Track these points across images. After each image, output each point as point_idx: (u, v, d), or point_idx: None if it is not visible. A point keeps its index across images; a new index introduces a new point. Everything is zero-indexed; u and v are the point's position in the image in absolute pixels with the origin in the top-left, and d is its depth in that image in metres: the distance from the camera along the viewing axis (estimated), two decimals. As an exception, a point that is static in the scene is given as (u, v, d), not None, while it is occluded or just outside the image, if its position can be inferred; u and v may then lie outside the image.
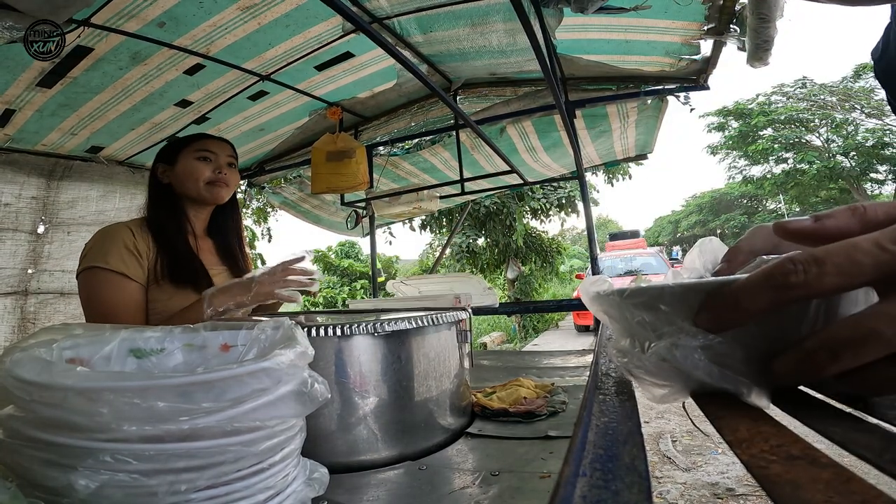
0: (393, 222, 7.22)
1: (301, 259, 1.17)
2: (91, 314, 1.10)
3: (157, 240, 1.19)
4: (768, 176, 24.83)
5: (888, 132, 19.61)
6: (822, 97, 20.93)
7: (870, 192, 22.04)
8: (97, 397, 0.45)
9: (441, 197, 3.39)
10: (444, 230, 10.93)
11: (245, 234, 1.47)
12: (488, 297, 2.33)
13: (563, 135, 3.10)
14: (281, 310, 1.38)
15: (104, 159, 2.50)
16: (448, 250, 10.18)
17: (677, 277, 0.69)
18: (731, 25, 1.97)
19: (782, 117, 21.79)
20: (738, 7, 1.88)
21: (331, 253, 12.84)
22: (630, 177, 10.66)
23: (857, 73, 19.85)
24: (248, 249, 1.48)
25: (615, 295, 0.50)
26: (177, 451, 0.45)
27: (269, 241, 9.14)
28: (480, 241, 11.11)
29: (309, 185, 2.83)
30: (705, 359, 0.42)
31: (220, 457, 0.47)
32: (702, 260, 0.62)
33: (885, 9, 0.68)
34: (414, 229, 11.29)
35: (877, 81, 0.78)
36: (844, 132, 20.68)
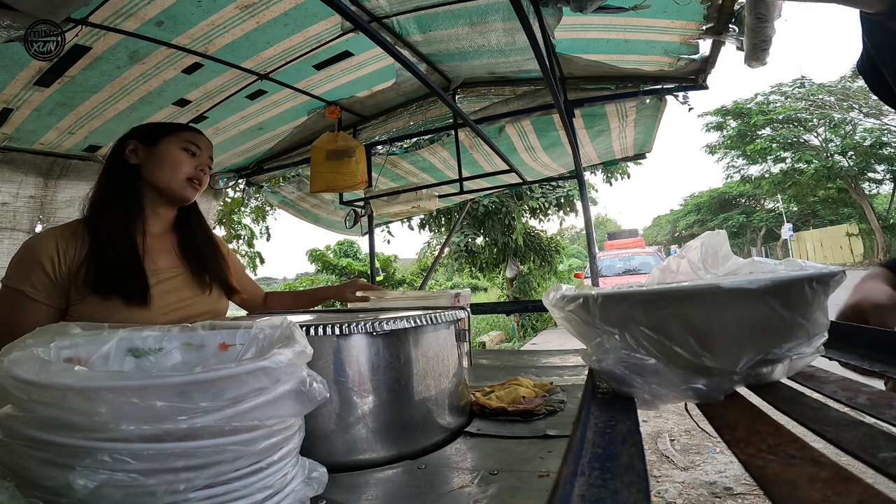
0: (391, 221, 7.21)
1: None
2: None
3: (91, 242, 1.05)
4: (766, 175, 24.89)
5: (886, 132, 19.66)
6: (820, 97, 20.97)
7: (867, 192, 22.10)
8: (96, 397, 0.44)
9: (440, 196, 3.39)
10: (443, 229, 10.93)
11: (213, 230, 1.35)
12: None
13: (561, 134, 3.10)
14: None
15: (102, 158, 2.49)
16: (447, 249, 10.18)
17: (664, 273, 0.70)
18: (730, 25, 1.97)
19: (780, 117, 21.83)
20: (736, 7, 1.88)
21: (329, 252, 12.82)
22: (629, 176, 10.66)
23: (856, 73, 19.83)
24: (225, 244, 1.37)
25: (559, 301, 0.52)
26: (175, 450, 0.45)
27: (268, 239, 9.14)
28: (479, 240, 11.11)
29: (307, 184, 2.83)
30: (621, 366, 0.44)
31: (219, 456, 0.47)
32: (702, 252, 0.63)
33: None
34: (413, 228, 11.29)
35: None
36: (842, 132, 20.72)
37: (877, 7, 0.63)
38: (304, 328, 0.69)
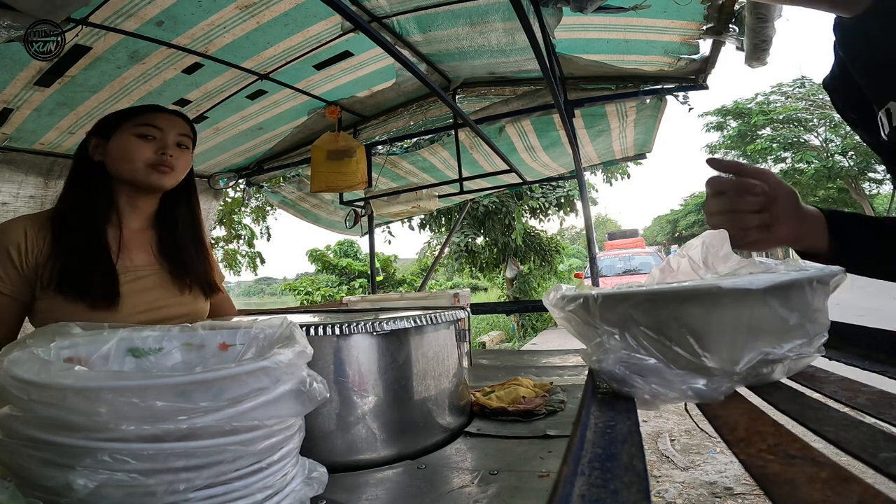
0: (392, 221, 7.21)
1: None
2: None
3: (55, 238, 0.98)
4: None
5: (886, 132, 19.62)
6: (820, 97, 20.94)
7: (868, 192, 22.10)
8: (95, 396, 0.44)
9: (440, 196, 3.40)
10: (443, 229, 10.93)
11: (204, 227, 1.25)
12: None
13: (561, 134, 3.10)
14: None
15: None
16: (447, 249, 10.18)
17: (665, 272, 0.70)
18: (730, 25, 1.97)
19: (781, 117, 21.83)
20: (736, 7, 1.88)
21: (329, 252, 12.83)
22: (629, 176, 10.67)
23: (856, 73, 19.82)
24: (209, 245, 1.26)
25: (559, 301, 0.52)
26: (175, 450, 0.45)
27: (268, 239, 9.15)
28: (479, 240, 11.12)
29: (308, 184, 2.83)
30: (622, 366, 0.44)
31: (219, 456, 0.47)
32: (703, 251, 0.63)
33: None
34: (413, 228, 11.29)
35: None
36: (843, 132, 20.71)
37: (854, 10, 0.63)
38: (304, 328, 0.69)
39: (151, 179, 1.06)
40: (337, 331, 0.76)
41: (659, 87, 2.64)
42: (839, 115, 0.80)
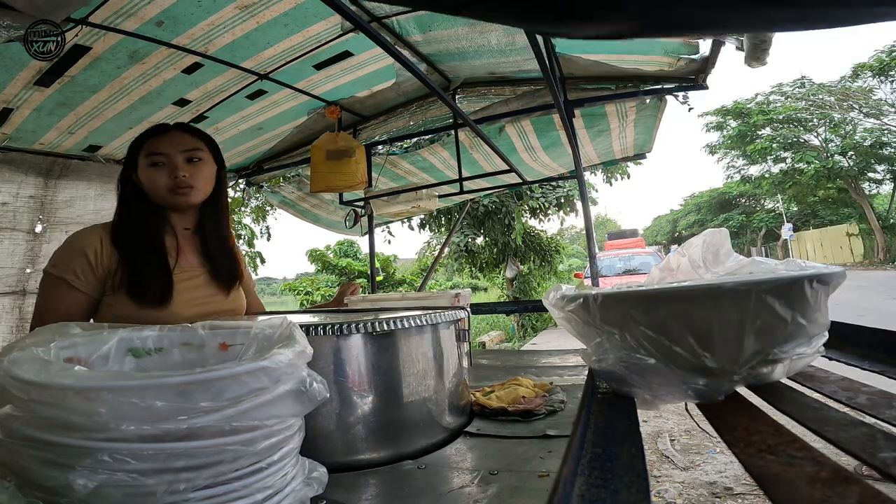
0: (392, 221, 7.21)
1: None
2: (35, 315, 1.09)
3: (120, 246, 1.10)
4: (766, 175, 24.90)
5: (886, 132, 19.66)
6: (820, 97, 20.97)
7: (868, 192, 22.11)
8: (95, 396, 0.44)
9: (440, 196, 3.39)
10: (443, 229, 10.93)
11: (232, 232, 1.34)
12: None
13: (561, 134, 3.10)
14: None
15: (102, 158, 2.49)
16: (447, 249, 10.18)
17: (664, 271, 0.70)
18: (730, 25, 1.97)
19: (781, 117, 21.84)
20: (736, 7, 1.88)
21: (329, 252, 12.82)
22: (629, 176, 10.67)
23: (856, 73, 19.88)
24: (237, 248, 1.35)
25: (559, 301, 0.52)
26: (175, 450, 0.45)
27: (269, 239, 9.15)
28: (479, 240, 11.12)
29: (307, 184, 2.83)
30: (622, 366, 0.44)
31: (219, 456, 0.47)
32: (703, 250, 0.63)
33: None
34: (413, 228, 11.29)
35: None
36: (842, 132, 20.73)
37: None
38: (304, 328, 0.69)
39: (176, 201, 1.15)
40: (337, 331, 0.76)
41: (659, 87, 2.64)
42: None
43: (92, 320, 1.11)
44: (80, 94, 1.91)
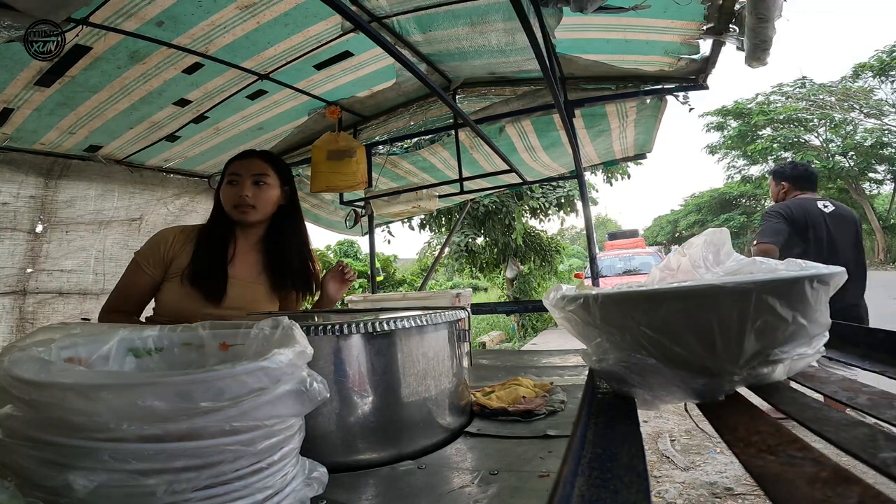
0: (392, 221, 7.21)
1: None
2: (117, 286, 1.35)
3: (197, 244, 1.34)
4: (767, 175, 24.86)
5: (887, 132, 19.65)
6: (821, 97, 20.97)
7: (868, 192, 22.11)
8: (96, 396, 0.44)
9: (440, 196, 3.39)
10: (443, 229, 10.92)
11: (309, 249, 1.52)
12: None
13: (561, 134, 3.10)
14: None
15: (102, 158, 2.49)
16: (447, 249, 10.18)
17: (665, 271, 0.70)
18: (731, 25, 1.97)
19: (781, 117, 21.83)
20: (737, 7, 1.88)
21: (329, 252, 12.83)
22: (629, 176, 10.66)
23: (856, 73, 19.89)
24: (312, 264, 1.51)
25: (559, 301, 0.52)
26: (175, 450, 0.45)
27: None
28: (479, 240, 11.11)
29: (307, 184, 2.83)
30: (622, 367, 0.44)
31: (219, 456, 0.47)
32: (703, 250, 0.63)
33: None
34: (413, 228, 11.28)
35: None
36: (843, 132, 20.72)
37: None
38: (304, 328, 0.69)
39: (238, 216, 1.36)
40: (337, 331, 0.76)
41: (659, 87, 2.64)
42: None
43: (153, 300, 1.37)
44: (80, 94, 1.91)
